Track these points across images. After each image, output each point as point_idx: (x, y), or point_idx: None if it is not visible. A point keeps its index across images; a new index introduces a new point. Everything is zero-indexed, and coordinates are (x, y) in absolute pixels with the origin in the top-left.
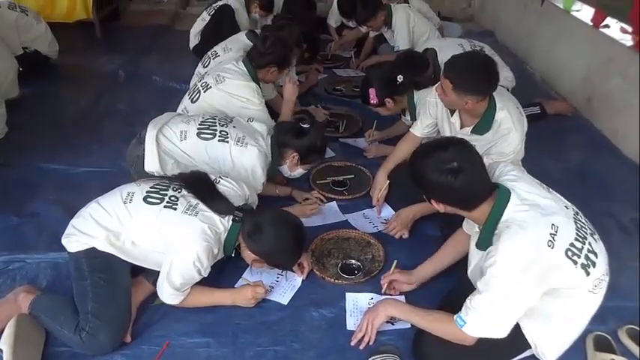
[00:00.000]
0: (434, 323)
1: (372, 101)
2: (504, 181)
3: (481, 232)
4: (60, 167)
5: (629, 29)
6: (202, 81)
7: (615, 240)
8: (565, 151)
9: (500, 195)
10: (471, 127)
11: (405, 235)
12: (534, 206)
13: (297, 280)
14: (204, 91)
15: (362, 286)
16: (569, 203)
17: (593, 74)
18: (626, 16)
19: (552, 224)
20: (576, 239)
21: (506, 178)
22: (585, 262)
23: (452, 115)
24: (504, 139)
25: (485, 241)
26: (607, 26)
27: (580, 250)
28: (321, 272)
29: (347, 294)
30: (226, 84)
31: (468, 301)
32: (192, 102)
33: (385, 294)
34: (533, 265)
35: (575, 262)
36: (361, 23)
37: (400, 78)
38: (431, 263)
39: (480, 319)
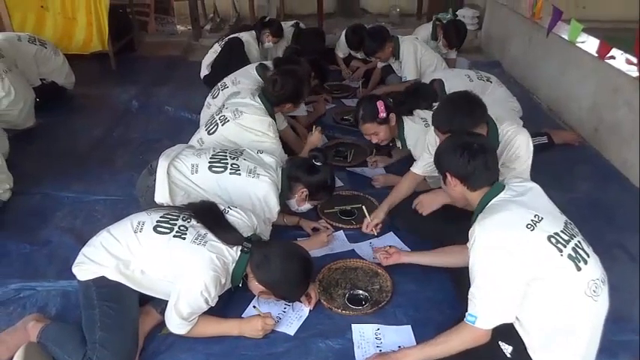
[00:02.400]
0: (450, 341)
1: (381, 114)
2: (508, 182)
3: (472, 218)
4: (72, 195)
5: (635, 60)
6: (220, 114)
7: (625, 271)
8: (573, 181)
9: (495, 186)
10: None
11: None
12: (523, 199)
13: (304, 310)
14: (222, 124)
15: (369, 317)
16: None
17: (600, 104)
18: (631, 48)
19: (536, 215)
20: (563, 232)
21: (512, 181)
22: (573, 255)
23: None
24: (509, 171)
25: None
26: (612, 57)
27: (566, 242)
28: (328, 303)
29: (353, 325)
30: (244, 118)
31: (469, 295)
32: (209, 134)
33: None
34: (512, 246)
35: (560, 251)
36: (369, 55)
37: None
38: (430, 257)
39: (485, 308)
